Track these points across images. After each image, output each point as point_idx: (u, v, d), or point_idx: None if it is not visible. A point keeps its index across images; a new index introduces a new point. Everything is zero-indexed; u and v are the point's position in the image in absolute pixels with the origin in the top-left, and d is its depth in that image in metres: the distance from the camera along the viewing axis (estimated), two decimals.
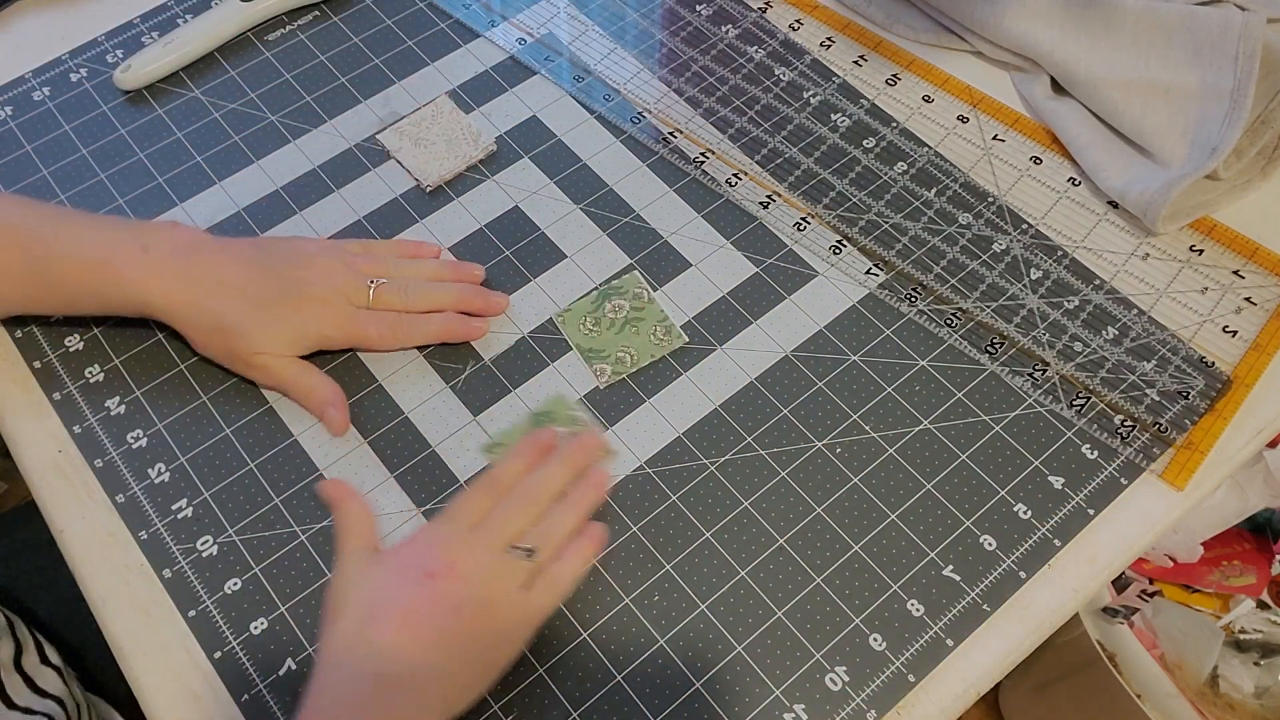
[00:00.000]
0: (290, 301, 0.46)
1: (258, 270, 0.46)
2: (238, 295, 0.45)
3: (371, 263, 0.49)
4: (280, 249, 0.48)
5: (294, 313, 0.46)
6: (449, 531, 0.40)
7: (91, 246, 0.45)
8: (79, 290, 0.46)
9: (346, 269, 0.48)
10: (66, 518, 0.45)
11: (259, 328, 0.45)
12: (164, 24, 0.62)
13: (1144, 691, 0.78)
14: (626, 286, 0.52)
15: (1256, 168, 0.54)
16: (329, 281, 0.47)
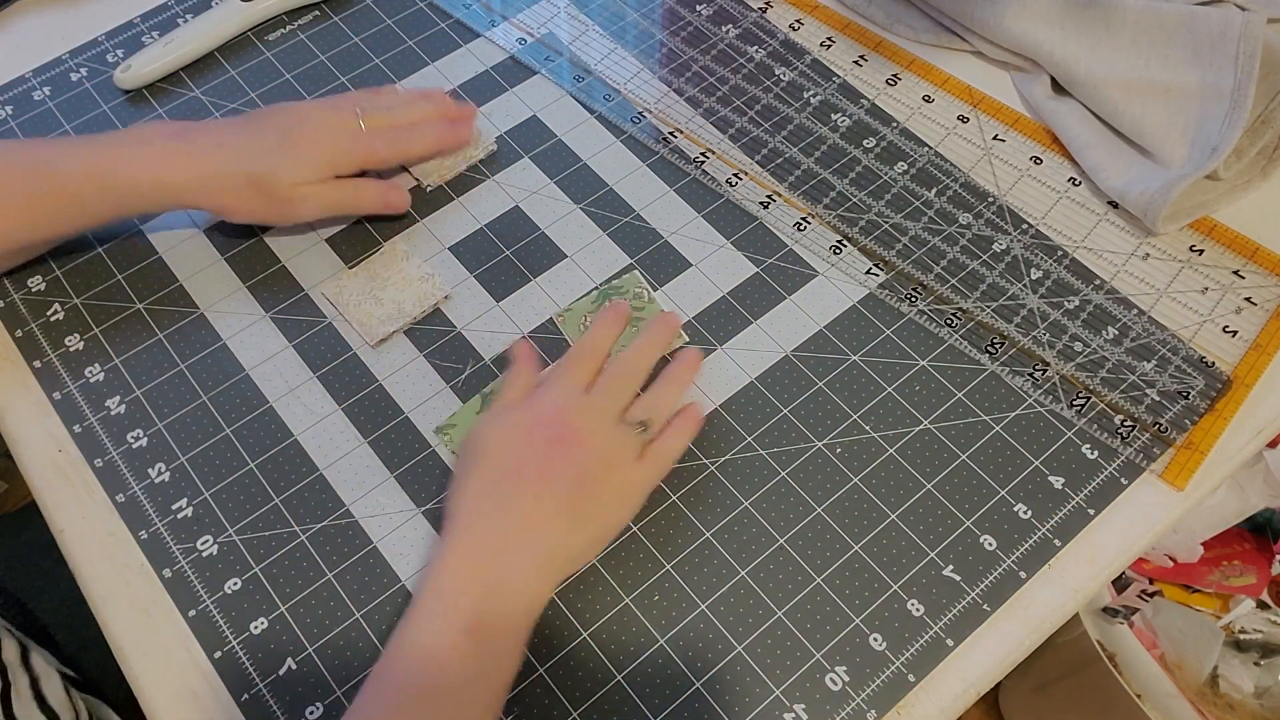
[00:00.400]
0: (293, 137, 0.49)
1: (252, 127, 0.49)
2: (245, 149, 0.48)
3: (348, 99, 0.53)
4: (260, 113, 0.51)
5: (303, 144, 0.49)
6: (569, 396, 0.43)
7: (93, 154, 0.47)
8: (91, 198, 0.47)
9: (329, 104, 0.51)
10: (67, 517, 0.45)
11: (282, 163, 0.48)
12: (164, 24, 0.62)
13: (1144, 691, 0.78)
14: (626, 286, 0.51)
15: (1256, 168, 0.54)
16: (318, 116, 0.50)
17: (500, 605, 0.38)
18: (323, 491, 0.46)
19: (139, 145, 0.47)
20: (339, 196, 0.50)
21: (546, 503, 0.40)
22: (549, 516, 0.40)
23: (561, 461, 0.41)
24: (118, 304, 0.51)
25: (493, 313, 0.51)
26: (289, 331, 0.50)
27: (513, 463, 0.41)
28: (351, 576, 0.44)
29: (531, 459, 0.41)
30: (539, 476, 0.40)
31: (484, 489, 0.41)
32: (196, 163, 0.47)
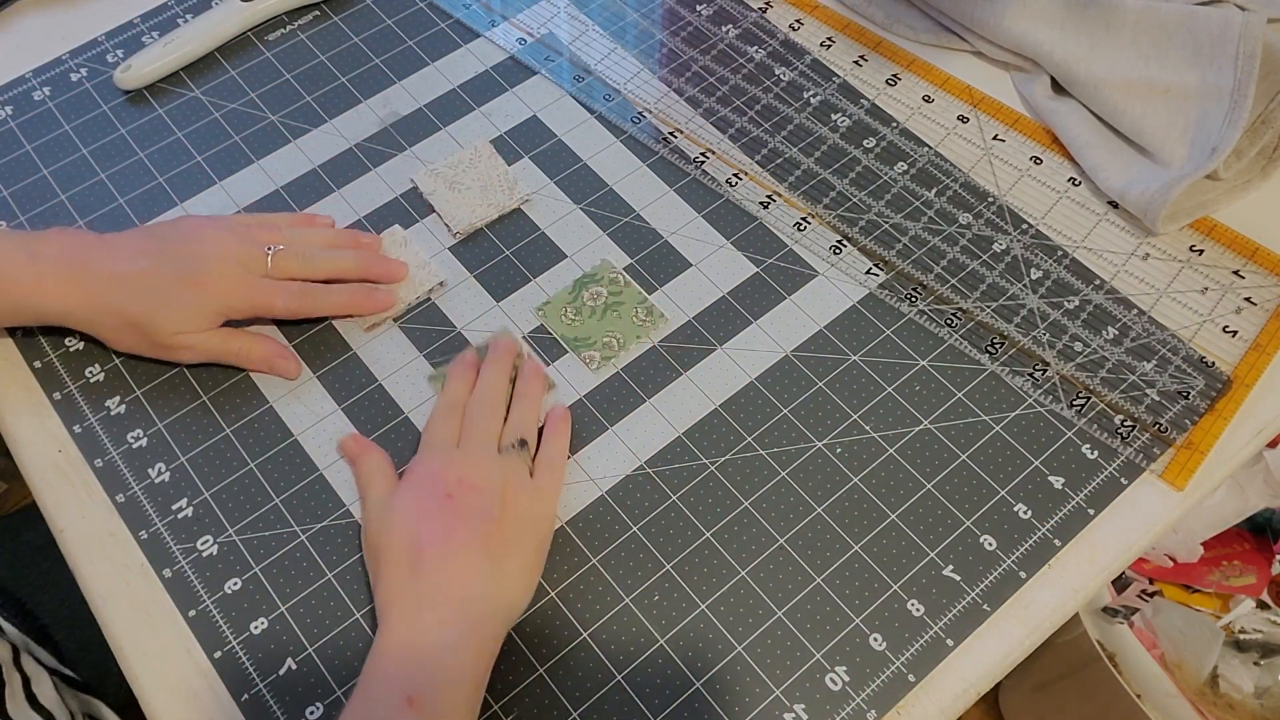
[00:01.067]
0: (188, 279, 0.45)
1: (150, 257, 0.46)
2: (135, 285, 0.45)
3: (266, 231, 0.49)
4: (169, 231, 0.47)
5: (194, 288, 0.45)
6: (440, 456, 0.43)
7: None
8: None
9: (239, 239, 0.47)
10: (67, 518, 0.45)
11: (164, 310, 0.45)
12: (164, 24, 0.62)
13: (1144, 691, 0.78)
14: (601, 273, 0.52)
15: (1256, 168, 0.54)
16: (223, 252, 0.46)
17: (436, 678, 0.37)
18: (322, 491, 0.46)
19: (31, 262, 0.44)
20: (223, 350, 0.47)
21: (460, 560, 0.39)
22: (466, 574, 0.39)
23: (460, 515, 0.40)
24: None
25: (492, 312, 0.51)
26: (289, 331, 0.50)
27: (415, 539, 0.40)
28: (351, 577, 0.44)
29: (430, 527, 0.40)
30: (444, 540, 0.40)
31: (397, 575, 0.40)
32: (80, 295, 0.45)
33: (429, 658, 0.38)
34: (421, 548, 0.40)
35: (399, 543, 0.40)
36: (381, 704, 0.37)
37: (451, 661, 0.38)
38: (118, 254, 0.46)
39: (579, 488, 0.46)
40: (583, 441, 0.47)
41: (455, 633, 0.38)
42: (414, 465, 0.44)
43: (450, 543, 0.40)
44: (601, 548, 0.44)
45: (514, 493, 0.42)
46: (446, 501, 0.41)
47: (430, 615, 0.39)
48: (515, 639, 0.42)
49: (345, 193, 0.55)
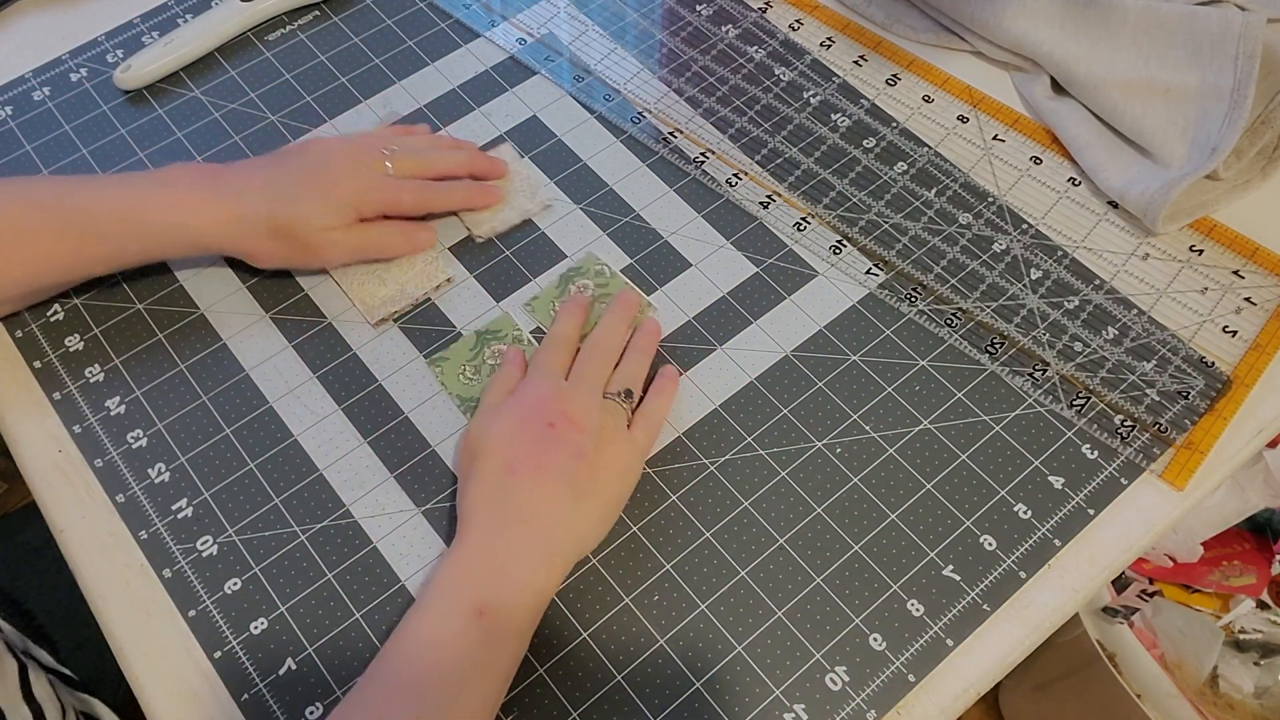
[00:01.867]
0: (321, 179, 0.48)
1: (276, 169, 0.48)
2: (272, 190, 0.47)
3: (376, 138, 0.52)
4: (289, 149, 0.51)
5: (328, 188, 0.48)
6: (551, 385, 0.44)
7: (120, 195, 0.46)
8: (118, 240, 0.46)
9: (357, 145, 0.50)
10: (67, 518, 0.45)
11: (306, 206, 0.47)
12: (164, 24, 0.62)
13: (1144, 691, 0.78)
14: (585, 266, 0.52)
15: (1256, 168, 0.54)
16: (345, 156, 0.49)
17: (507, 594, 0.39)
18: (322, 491, 0.46)
19: (165, 188, 0.47)
20: (365, 242, 0.50)
21: (547, 489, 0.41)
22: (550, 503, 0.41)
23: (556, 447, 0.41)
24: (118, 304, 0.51)
25: (492, 313, 0.51)
26: (289, 332, 0.50)
27: (509, 457, 0.42)
28: (351, 577, 0.44)
29: (527, 450, 0.41)
30: (536, 466, 0.41)
31: (485, 489, 0.41)
32: (221, 208, 0.47)
33: (502, 574, 0.39)
34: (514, 467, 0.41)
35: (494, 456, 0.42)
36: (454, 611, 0.38)
37: (522, 582, 0.39)
38: (246, 170, 0.48)
39: None
40: None
41: (530, 555, 0.40)
42: (524, 386, 0.45)
43: (541, 470, 0.41)
44: (602, 547, 0.44)
45: (610, 438, 0.43)
46: (548, 430, 0.42)
47: (509, 533, 0.40)
48: None
49: None
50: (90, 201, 0.46)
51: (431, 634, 0.38)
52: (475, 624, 0.38)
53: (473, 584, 0.39)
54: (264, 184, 0.47)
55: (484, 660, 0.38)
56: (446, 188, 0.52)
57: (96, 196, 0.46)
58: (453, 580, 0.39)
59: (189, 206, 0.46)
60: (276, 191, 0.47)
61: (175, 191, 0.47)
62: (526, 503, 0.41)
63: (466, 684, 0.37)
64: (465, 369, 0.49)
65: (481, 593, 0.39)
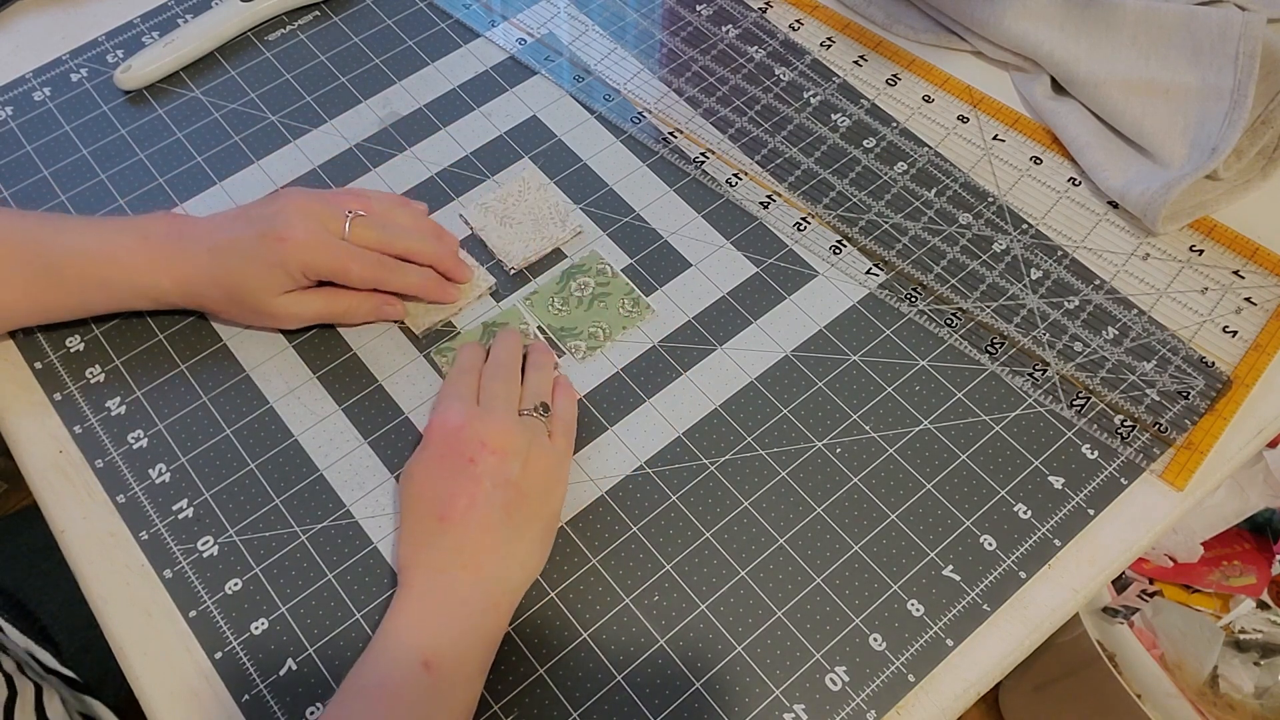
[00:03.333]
0: (270, 235, 0.45)
1: (239, 224, 0.47)
2: (226, 251, 0.46)
3: (352, 198, 0.49)
4: (262, 199, 0.49)
5: (276, 243, 0.45)
6: (462, 411, 0.43)
7: (95, 243, 0.46)
8: (89, 288, 0.46)
9: (322, 200, 0.48)
10: (67, 518, 0.45)
11: (252, 270, 0.46)
12: (164, 24, 0.62)
13: (1144, 691, 0.78)
14: (588, 264, 0.52)
15: (1256, 168, 0.54)
16: (303, 209, 0.46)
17: (454, 644, 0.38)
18: (323, 492, 0.46)
19: (139, 240, 0.46)
20: (328, 310, 0.48)
21: (481, 528, 0.40)
22: (487, 541, 0.40)
23: (480, 482, 0.40)
24: None
25: (492, 313, 0.51)
26: (289, 332, 0.50)
27: (439, 499, 0.41)
28: (352, 577, 0.44)
29: (454, 490, 0.40)
30: (468, 505, 0.40)
31: (420, 536, 0.41)
32: (188, 269, 0.46)
33: (447, 623, 0.39)
34: (444, 513, 0.40)
35: (422, 503, 0.41)
36: (399, 665, 0.37)
37: (468, 628, 0.39)
38: (213, 228, 0.47)
39: (579, 488, 0.46)
40: (583, 441, 0.47)
41: (473, 600, 0.39)
42: (434, 420, 0.43)
43: (472, 509, 0.40)
44: (601, 548, 0.44)
45: (536, 456, 0.42)
46: (468, 466, 0.41)
47: (450, 580, 0.39)
48: (515, 639, 0.42)
49: None
50: (61, 247, 0.45)
51: (378, 687, 0.37)
52: (422, 676, 0.37)
53: (418, 636, 0.38)
54: (223, 244, 0.46)
55: (433, 711, 0.37)
56: (402, 269, 0.48)
57: (68, 241, 0.46)
58: (398, 633, 0.39)
59: (154, 264, 0.46)
60: (231, 252, 0.46)
61: (150, 248, 0.46)
62: (463, 546, 0.40)
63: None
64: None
65: (427, 645, 0.38)
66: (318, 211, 0.47)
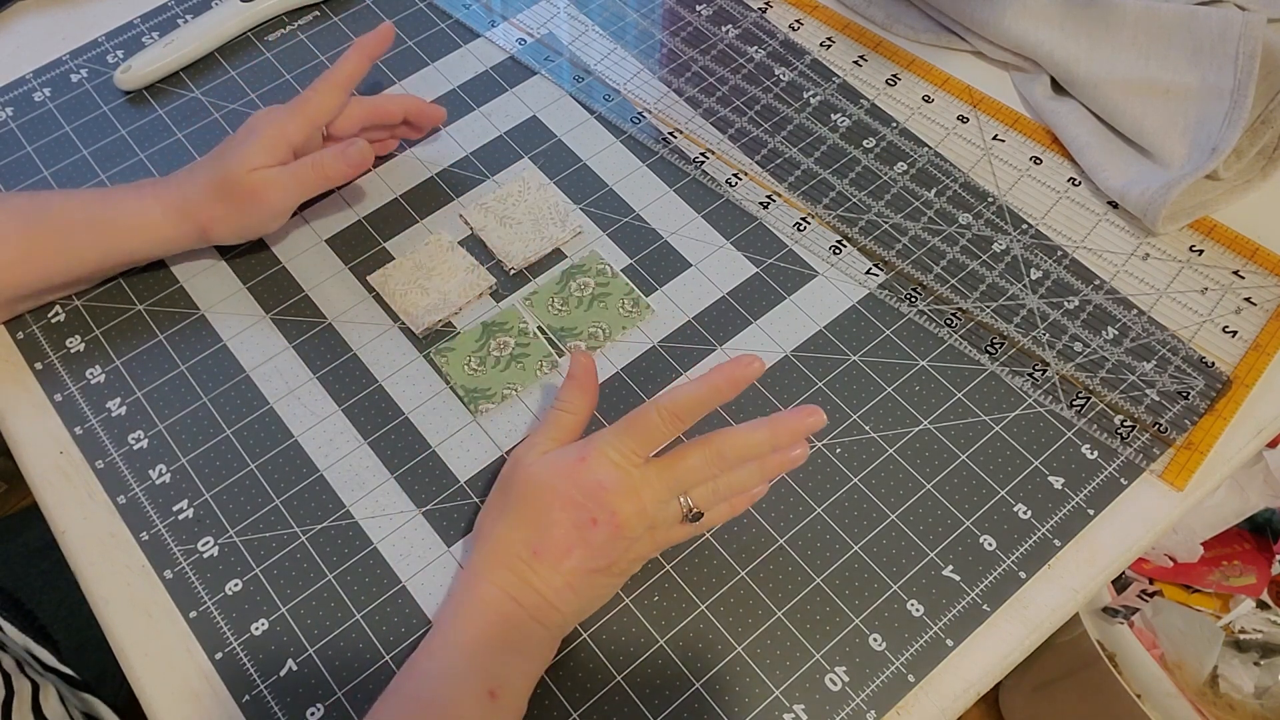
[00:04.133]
0: (243, 131, 0.49)
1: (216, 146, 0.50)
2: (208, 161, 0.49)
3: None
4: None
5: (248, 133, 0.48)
6: (617, 476, 0.39)
7: (88, 197, 0.48)
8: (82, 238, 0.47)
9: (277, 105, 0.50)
10: (68, 519, 0.45)
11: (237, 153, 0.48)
12: (164, 24, 0.62)
13: (1144, 691, 0.78)
14: (588, 264, 0.52)
15: (1256, 168, 0.54)
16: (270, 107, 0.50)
17: (514, 673, 0.39)
18: (323, 492, 0.46)
19: (131, 190, 0.49)
20: (302, 172, 0.49)
21: (562, 577, 0.39)
22: (564, 598, 0.39)
23: (588, 543, 0.39)
24: (118, 305, 0.51)
25: (492, 313, 0.51)
26: (289, 332, 0.51)
27: (542, 536, 0.39)
28: (352, 577, 0.44)
29: (560, 538, 0.39)
30: (563, 556, 0.39)
31: (507, 555, 0.40)
32: (170, 191, 0.48)
33: (515, 659, 0.39)
34: (539, 550, 0.39)
35: (531, 515, 0.40)
36: (466, 689, 0.38)
37: (531, 667, 0.40)
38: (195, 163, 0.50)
39: None
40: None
41: (541, 643, 0.40)
42: (593, 451, 0.40)
43: (564, 562, 0.39)
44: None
45: (644, 543, 0.40)
46: (589, 525, 0.39)
47: (525, 617, 0.39)
48: None
49: (345, 194, 0.55)
50: (58, 203, 0.48)
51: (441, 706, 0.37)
52: (487, 703, 0.37)
53: (487, 663, 0.38)
54: (202, 160, 0.49)
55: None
56: (383, 97, 0.52)
57: (66, 198, 0.48)
58: (469, 655, 0.38)
59: (145, 199, 0.48)
60: (208, 160, 0.49)
61: (135, 186, 0.49)
62: (541, 590, 0.39)
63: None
64: (471, 359, 0.49)
65: (496, 675, 0.38)
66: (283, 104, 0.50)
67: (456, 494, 0.46)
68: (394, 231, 0.54)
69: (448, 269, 0.52)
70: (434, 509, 0.46)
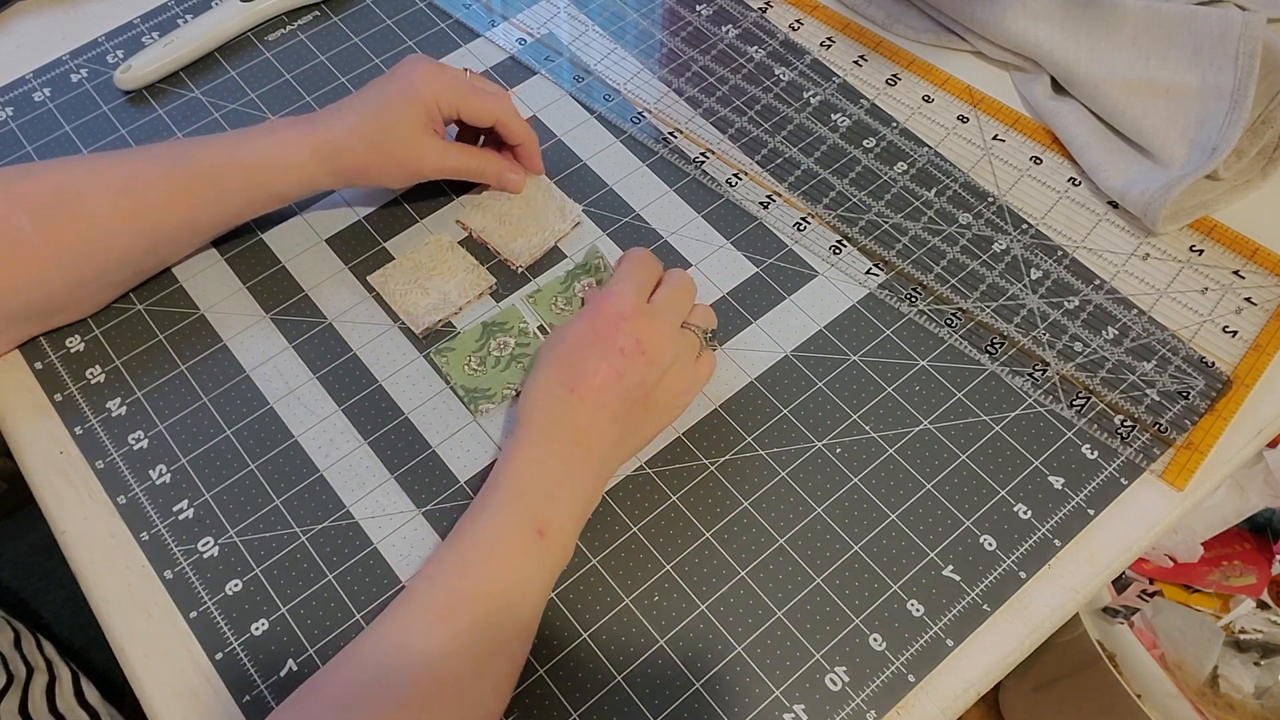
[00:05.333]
0: (399, 77, 0.49)
1: (365, 91, 0.50)
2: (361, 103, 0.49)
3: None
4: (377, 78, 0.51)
5: (406, 81, 0.48)
6: (633, 304, 0.43)
7: (227, 142, 0.48)
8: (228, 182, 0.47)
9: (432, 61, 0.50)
10: (68, 519, 0.45)
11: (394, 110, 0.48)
12: (164, 24, 0.62)
13: (1144, 691, 0.78)
14: (589, 261, 0.52)
15: (1257, 168, 0.54)
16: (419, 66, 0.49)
17: (560, 510, 0.41)
18: (323, 493, 0.46)
19: (267, 131, 0.48)
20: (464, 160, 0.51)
21: (600, 416, 0.41)
22: (601, 430, 0.42)
23: (621, 374, 0.42)
24: (119, 305, 0.51)
25: (492, 312, 0.51)
26: (289, 332, 0.51)
27: (575, 373, 0.42)
28: (352, 578, 0.44)
29: (589, 370, 0.42)
30: (600, 388, 0.41)
31: (546, 398, 0.42)
32: (316, 132, 0.48)
33: (560, 493, 0.41)
34: (574, 384, 0.42)
35: (559, 367, 0.42)
36: (514, 526, 0.39)
37: (577, 501, 0.41)
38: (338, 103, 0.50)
39: None
40: None
41: (584, 475, 0.42)
42: (606, 294, 0.44)
43: (601, 393, 0.41)
44: (602, 548, 0.44)
45: (676, 373, 0.43)
46: (617, 355, 0.42)
47: (566, 451, 0.41)
48: None
49: (345, 194, 0.55)
50: (199, 150, 0.47)
51: (492, 543, 0.39)
52: (535, 541, 0.39)
53: (533, 501, 0.40)
54: (355, 100, 0.49)
55: (540, 574, 0.40)
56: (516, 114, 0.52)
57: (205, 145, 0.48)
58: (515, 494, 0.40)
59: (286, 140, 0.48)
60: (361, 102, 0.49)
61: (276, 133, 0.48)
62: (580, 425, 0.41)
63: (529, 593, 0.39)
64: (471, 359, 0.49)
65: (541, 511, 0.40)
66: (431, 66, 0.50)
67: (457, 494, 0.46)
68: (394, 231, 0.54)
69: (448, 269, 0.52)
70: (434, 509, 0.46)
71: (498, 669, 0.38)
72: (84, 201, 0.45)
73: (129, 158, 0.47)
